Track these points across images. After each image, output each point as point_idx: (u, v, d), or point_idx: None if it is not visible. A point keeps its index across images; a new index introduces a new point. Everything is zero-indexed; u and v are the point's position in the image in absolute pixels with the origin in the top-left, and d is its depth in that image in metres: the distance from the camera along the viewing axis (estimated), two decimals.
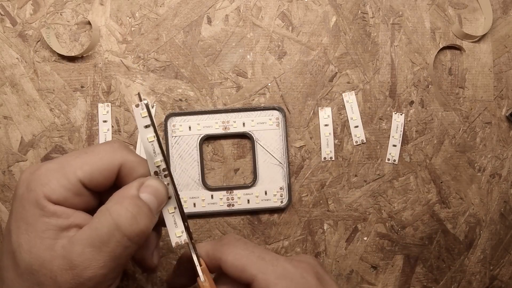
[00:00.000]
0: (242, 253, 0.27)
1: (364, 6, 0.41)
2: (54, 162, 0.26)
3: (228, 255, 0.27)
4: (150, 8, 0.40)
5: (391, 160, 0.41)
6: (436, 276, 0.42)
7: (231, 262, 0.27)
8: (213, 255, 0.28)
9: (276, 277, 0.26)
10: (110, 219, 0.24)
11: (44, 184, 0.25)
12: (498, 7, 0.42)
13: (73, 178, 0.25)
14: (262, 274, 0.26)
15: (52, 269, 0.24)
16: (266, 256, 0.27)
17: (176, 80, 0.40)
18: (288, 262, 0.27)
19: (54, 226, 0.24)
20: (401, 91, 0.41)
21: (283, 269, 0.27)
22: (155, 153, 0.27)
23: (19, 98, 0.39)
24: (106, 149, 0.27)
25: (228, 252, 0.28)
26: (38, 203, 0.24)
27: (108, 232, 0.24)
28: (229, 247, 0.28)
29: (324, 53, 0.41)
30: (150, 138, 0.27)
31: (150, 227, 0.26)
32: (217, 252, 0.28)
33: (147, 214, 0.25)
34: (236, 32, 0.41)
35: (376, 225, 0.41)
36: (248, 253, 0.27)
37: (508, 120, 0.42)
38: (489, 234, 0.42)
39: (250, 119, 0.40)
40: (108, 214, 0.25)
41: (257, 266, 0.27)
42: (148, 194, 0.26)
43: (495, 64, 0.42)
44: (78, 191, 0.26)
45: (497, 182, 0.42)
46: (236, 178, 0.40)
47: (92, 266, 0.24)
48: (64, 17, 0.39)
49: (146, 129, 0.27)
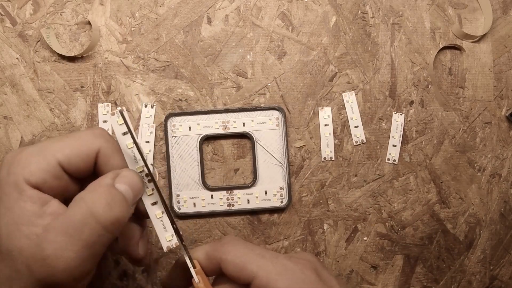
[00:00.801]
0: (241, 252, 0.27)
1: (364, 6, 0.41)
2: (35, 146, 0.26)
3: (228, 254, 0.27)
4: (150, 8, 0.40)
5: (391, 160, 0.41)
6: (436, 276, 0.42)
7: (231, 260, 0.27)
8: (212, 256, 0.28)
9: (277, 273, 0.26)
10: (84, 206, 0.24)
11: (24, 167, 0.25)
12: (498, 7, 0.42)
13: (53, 160, 0.25)
14: (263, 271, 0.26)
15: (27, 257, 0.23)
16: (266, 254, 0.28)
17: (176, 80, 0.40)
18: (288, 259, 0.28)
19: (29, 211, 0.24)
20: (401, 91, 0.41)
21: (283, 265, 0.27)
22: (136, 159, 0.27)
23: (19, 98, 0.39)
24: (87, 134, 0.27)
25: (227, 251, 0.28)
26: (17, 186, 0.24)
27: (81, 220, 0.24)
28: (228, 247, 0.28)
29: (324, 53, 0.41)
30: (129, 144, 0.27)
31: (125, 217, 0.26)
32: (216, 252, 0.28)
33: (122, 203, 0.25)
34: (236, 32, 0.41)
35: (376, 225, 0.41)
36: (247, 251, 0.28)
37: (508, 120, 0.42)
38: (489, 234, 0.42)
39: (250, 119, 0.40)
40: (82, 201, 0.25)
41: (257, 263, 0.27)
42: (123, 184, 0.26)
43: (495, 64, 0.42)
44: (57, 174, 0.26)
45: (497, 182, 0.42)
46: (236, 178, 0.40)
47: (64, 256, 0.23)
48: (64, 17, 0.39)
49: (124, 136, 0.27)
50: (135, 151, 0.27)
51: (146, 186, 0.28)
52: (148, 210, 0.28)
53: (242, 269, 0.27)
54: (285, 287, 0.26)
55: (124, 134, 0.27)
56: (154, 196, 0.28)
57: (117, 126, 0.27)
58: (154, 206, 0.28)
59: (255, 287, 0.26)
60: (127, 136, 0.27)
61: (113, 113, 0.27)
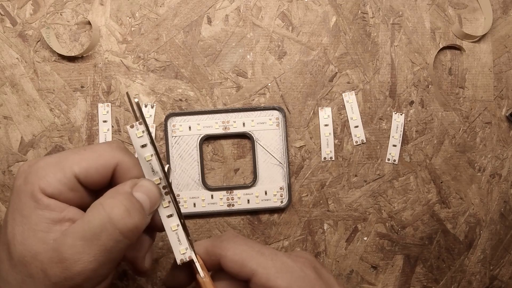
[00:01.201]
0: (241, 248, 0.28)
1: (364, 6, 0.41)
2: (52, 157, 0.26)
3: (228, 250, 0.27)
4: (150, 8, 0.40)
5: (391, 160, 0.41)
6: (436, 276, 0.42)
7: (230, 257, 0.27)
8: (212, 252, 0.28)
9: (276, 271, 0.26)
10: (103, 212, 0.24)
11: (40, 177, 0.25)
12: (498, 7, 0.42)
13: (69, 172, 0.26)
14: (262, 268, 0.26)
15: (43, 261, 0.24)
16: (265, 251, 0.28)
17: (176, 80, 0.40)
18: (287, 256, 0.28)
19: (47, 219, 0.24)
20: (401, 91, 0.41)
21: (282, 263, 0.27)
22: (154, 171, 0.27)
23: (19, 98, 0.39)
24: (105, 148, 0.27)
25: (227, 247, 0.28)
26: (33, 195, 0.25)
27: (100, 225, 0.24)
28: (228, 243, 0.28)
29: (324, 53, 0.41)
30: (148, 157, 0.27)
31: (142, 224, 0.26)
32: (216, 248, 0.28)
33: (140, 211, 0.26)
34: (236, 32, 0.41)
35: (376, 225, 0.41)
36: (247, 248, 0.28)
37: (508, 120, 0.42)
38: (489, 234, 0.42)
39: (250, 119, 0.40)
40: (101, 207, 0.25)
41: (257, 260, 0.27)
42: (141, 193, 0.26)
43: (495, 64, 0.42)
44: (73, 186, 0.26)
45: (497, 182, 0.42)
46: (236, 178, 0.40)
47: (82, 259, 0.24)
48: (64, 17, 0.39)
49: (142, 148, 0.27)
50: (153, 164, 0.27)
51: (163, 198, 0.28)
52: (164, 223, 0.28)
53: (242, 266, 0.27)
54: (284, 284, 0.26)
55: (142, 147, 0.27)
56: (170, 209, 0.28)
57: (136, 139, 0.27)
58: (170, 219, 0.28)
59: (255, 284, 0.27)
60: (146, 148, 0.27)
61: (132, 125, 0.27)
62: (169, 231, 0.28)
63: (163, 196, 0.28)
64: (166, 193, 0.28)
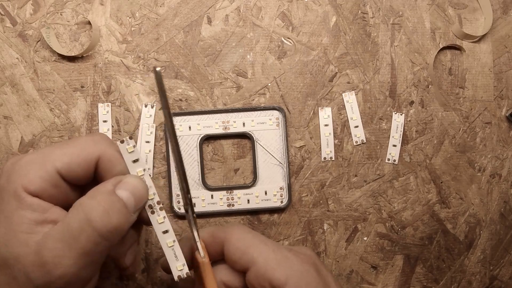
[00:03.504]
0: (246, 236, 0.28)
1: (364, 6, 0.41)
2: (34, 153, 0.26)
3: (232, 235, 0.27)
4: (150, 8, 0.40)
5: (391, 160, 0.41)
6: (436, 276, 0.42)
7: (234, 242, 0.27)
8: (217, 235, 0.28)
9: (276, 263, 0.26)
10: (81, 213, 0.24)
11: (22, 175, 0.25)
12: (498, 7, 0.42)
13: (51, 169, 0.25)
14: (263, 258, 0.26)
15: (25, 264, 0.23)
16: (268, 242, 0.28)
17: (176, 80, 0.40)
18: (289, 250, 0.28)
19: (29, 219, 0.24)
20: (401, 91, 0.41)
21: (283, 256, 0.27)
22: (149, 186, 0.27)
23: (19, 98, 0.39)
24: (87, 141, 0.26)
25: (232, 232, 0.28)
26: (16, 194, 0.24)
27: (79, 227, 0.23)
28: (233, 229, 0.28)
29: (324, 53, 0.41)
30: (140, 172, 0.27)
31: (124, 225, 0.25)
32: (221, 232, 0.28)
33: (121, 210, 0.25)
34: (236, 32, 0.41)
35: (376, 225, 0.41)
36: (251, 236, 0.28)
37: (508, 120, 0.42)
38: (489, 234, 0.42)
39: (250, 119, 0.40)
40: (80, 208, 0.24)
41: (259, 249, 0.27)
42: (125, 191, 0.25)
43: (495, 64, 0.42)
44: (56, 183, 0.25)
45: (497, 182, 0.42)
46: (236, 178, 0.40)
47: (62, 263, 0.23)
48: (64, 17, 0.39)
49: (134, 164, 0.26)
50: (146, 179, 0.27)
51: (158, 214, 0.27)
52: (160, 239, 0.27)
53: (243, 253, 0.27)
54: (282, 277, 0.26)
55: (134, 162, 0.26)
56: (165, 225, 0.27)
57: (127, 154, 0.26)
58: (165, 235, 0.27)
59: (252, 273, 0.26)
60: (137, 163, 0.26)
61: (122, 140, 0.26)
62: (165, 247, 0.27)
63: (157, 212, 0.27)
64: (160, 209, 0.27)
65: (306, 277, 0.27)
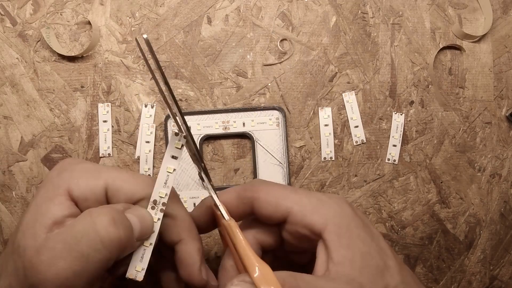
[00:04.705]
0: (275, 189, 0.27)
1: (364, 6, 0.41)
2: (94, 165, 0.27)
3: (261, 192, 0.26)
4: (150, 8, 0.40)
5: (391, 160, 0.41)
6: (436, 276, 0.42)
7: (264, 198, 0.26)
8: (244, 196, 0.27)
9: (312, 207, 0.25)
10: (89, 217, 0.24)
11: (74, 177, 0.25)
12: (498, 7, 0.42)
13: (102, 184, 0.26)
14: (298, 206, 0.25)
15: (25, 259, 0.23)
16: (298, 190, 0.27)
17: (176, 80, 0.40)
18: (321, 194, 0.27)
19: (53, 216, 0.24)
20: (401, 91, 0.41)
21: (318, 199, 0.26)
22: (166, 184, 0.27)
23: (19, 98, 0.39)
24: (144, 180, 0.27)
25: (260, 189, 0.27)
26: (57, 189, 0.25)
27: (82, 229, 0.23)
28: (260, 186, 0.27)
29: (324, 53, 0.41)
30: (170, 169, 0.26)
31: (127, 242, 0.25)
32: (248, 192, 0.27)
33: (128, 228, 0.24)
34: (236, 32, 0.41)
35: (376, 225, 0.41)
36: (280, 188, 0.27)
37: (508, 120, 0.42)
38: (489, 234, 0.42)
39: (250, 119, 0.40)
40: (88, 213, 0.24)
41: (292, 199, 0.26)
42: (133, 216, 0.25)
43: (495, 64, 0.42)
44: (99, 198, 0.26)
45: (497, 182, 0.42)
46: (236, 178, 0.40)
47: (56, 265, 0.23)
48: (64, 17, 0.39)
49: (172, 159, 0.26)
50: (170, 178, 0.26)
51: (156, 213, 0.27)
52: None
53: (277, 206, 0.26)
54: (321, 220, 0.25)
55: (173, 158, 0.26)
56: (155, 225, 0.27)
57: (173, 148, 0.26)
58: None
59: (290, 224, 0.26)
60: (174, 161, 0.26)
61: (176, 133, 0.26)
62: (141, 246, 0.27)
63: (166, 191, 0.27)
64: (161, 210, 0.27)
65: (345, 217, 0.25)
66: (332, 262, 0.24)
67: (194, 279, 0.28)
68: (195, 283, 0.28)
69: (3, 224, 0.39)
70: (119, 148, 0.39)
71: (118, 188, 0.26)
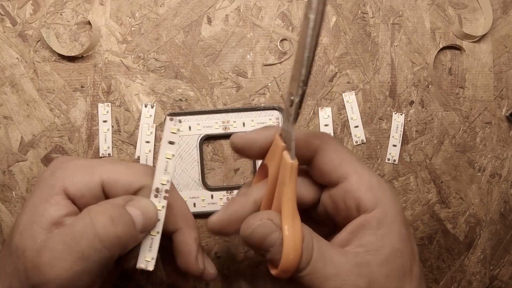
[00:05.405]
0: (342, 149, 0.25)
1: (364, 6, 0.41)
2: (86, 160, 0.27)
3: (329, 145, 0.25)
4: (150, 8, 0.40)
5: (391, 160, 0.41)
6: (436, 276, 0.42)
7: (330, 152, 0.25)
8: (312, 141, 0.25)
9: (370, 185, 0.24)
10: (87, 217, 0.24)
11: (68, 175, 0.25)
12: (498, 7, 0.42)
13: (97, 179, 0.25)
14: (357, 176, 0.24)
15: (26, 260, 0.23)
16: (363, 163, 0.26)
17: (176, 80, 0.40)
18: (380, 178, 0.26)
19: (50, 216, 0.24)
20: (401, 91, 0.41)
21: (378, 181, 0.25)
22: (166, 171, 0.26)
23: (19, 98, 0.39)
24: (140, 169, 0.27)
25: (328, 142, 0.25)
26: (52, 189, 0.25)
27: (81, 230, 0.23)
28: (330, 140, 0.25)
29: (324, 53, 0.41)
30: (168, 155, 0.26)
31: (128, 239, 0.25)
32: (316, 138, 0.25)
33: (128, 224, 0.24)
34: (236, 32, 0.41)
35: None
36: (347, 151, 0.26)
37: (508, 120, 0.42)
38: (489, 234, 0.42)
39: (250, 119, 0.40)
40: (87, 212, 0.24)
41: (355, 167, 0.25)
42: (135, 209, 0.25)
43: (495, 64, 0.42)
44: (96, 194, 0.25)
45: (497, 182, 0.42)
46: (236, 178, 0.40)
47: (57, 265, 0.23)
48: (64, 17, 0.39)
49: (169, 145, 0.26)
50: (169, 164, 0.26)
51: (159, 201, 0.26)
52: None
53: (338, 166, 0.25)
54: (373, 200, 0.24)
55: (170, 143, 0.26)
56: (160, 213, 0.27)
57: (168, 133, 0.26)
58: None
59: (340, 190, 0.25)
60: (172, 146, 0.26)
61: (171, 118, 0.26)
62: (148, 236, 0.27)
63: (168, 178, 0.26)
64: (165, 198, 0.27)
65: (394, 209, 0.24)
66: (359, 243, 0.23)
67: (190, 268, 0.28)
68: (191, 272, 0.28)
69: (3, 224, 0.39)
70: (119, 148, 0.39)
71: (114, 181, 0.26)
